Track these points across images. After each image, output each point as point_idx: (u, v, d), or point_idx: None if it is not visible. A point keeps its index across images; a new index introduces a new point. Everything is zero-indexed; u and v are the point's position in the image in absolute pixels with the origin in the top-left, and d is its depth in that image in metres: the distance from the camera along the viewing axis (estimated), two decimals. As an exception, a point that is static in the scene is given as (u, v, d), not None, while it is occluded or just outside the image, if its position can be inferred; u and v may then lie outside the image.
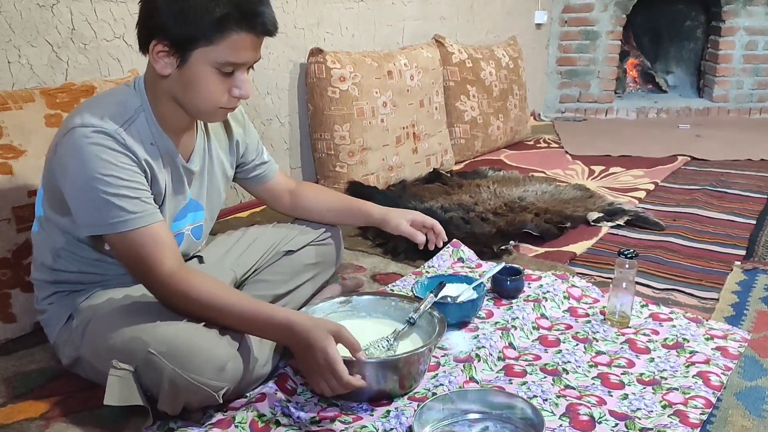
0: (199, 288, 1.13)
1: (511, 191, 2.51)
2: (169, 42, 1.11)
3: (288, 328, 1.10)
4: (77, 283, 1.29)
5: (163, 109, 1.21)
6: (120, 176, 1.11)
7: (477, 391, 1.21)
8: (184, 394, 1.10)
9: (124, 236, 1.12)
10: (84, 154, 1.10)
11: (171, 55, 1.13)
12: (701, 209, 2.43)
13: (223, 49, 1.12)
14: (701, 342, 1.44)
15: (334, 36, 2.74)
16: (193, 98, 1.18)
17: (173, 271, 1.13)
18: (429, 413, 1.15)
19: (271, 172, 1.55)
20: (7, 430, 1.17)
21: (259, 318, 1.13)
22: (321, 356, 1.07)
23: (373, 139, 2.59)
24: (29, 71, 1.70)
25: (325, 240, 1.61)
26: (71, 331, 1.25)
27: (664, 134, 3.86)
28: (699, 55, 4.74)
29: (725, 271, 1.85)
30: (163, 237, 1.15)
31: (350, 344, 1.11)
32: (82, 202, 1.12)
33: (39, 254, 1.30)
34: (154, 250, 1.13)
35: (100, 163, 1.10)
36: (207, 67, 1.13)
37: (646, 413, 1.20)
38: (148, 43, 1.14)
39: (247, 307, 1.14)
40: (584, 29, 4.44)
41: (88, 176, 1.10)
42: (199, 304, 1.13)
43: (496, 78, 3.34)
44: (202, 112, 1.22)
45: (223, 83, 1.16)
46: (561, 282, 1.72)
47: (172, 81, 1.16)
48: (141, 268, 1.14)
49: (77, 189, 1.12)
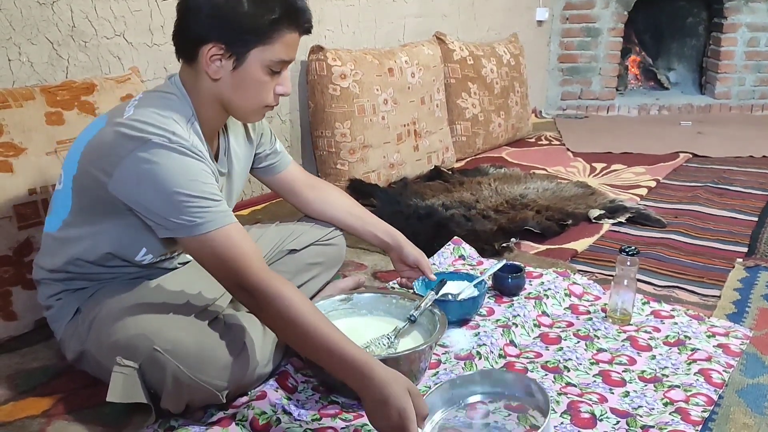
0: (291, 302, 1.07)
1: (512, 188, 2.50)
2: (225, 45, 1.11)
3: (367, 376, 1.03)
4: (86, 281, 1.28)
5: (206, 113, 1.20)
6: (201, 180, 1.10)
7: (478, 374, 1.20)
8: (187, 393, 1.10)
9: (206, 238, 1.09)
10: (168, 164, 1.07)
11: (226, 58, 1.13)
12: (703, 206, 2.42)
13: (277, 48, 1.14)
14: (703, 339, 1.44)
15: (335, 33, 2.74)
16: (244, 99, 1.18)
17: (267, 277, 1.09)
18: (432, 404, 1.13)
19: (283, 163, 1.53)
20: (9, 428, 1.18)
21: (338, 351, 1.05)
22: (396, 414, 1.00)
23: (374, 137, 2.58)
24: (29, 69, 1.70)
25: (329, 240, 1.61)
26: (77, 326, 1.25)
27: (665, 131, 3.86)
28: (701, 51, 4.73)
29: (727, 268, 1.85)
30: (248, 238, 1.13)
31: (420, 409, 1.03)
32: (169, 208, 1.08)
33: (49, 257, 1.26)
34: (240, 251, 1.09)
35: (182, 171, 1.08)
36: (260, 66, 1.15)
37: (648, 411, 1.20)
38: (193, 48, 1.13)
39: (330, 336, 1.07)
40: (586, 26, 4.43)
41: (173, 182, 1.07)
42: (288, 320, 1.07)
43: (497, 75, 3.34)
44: (249, 112, 1.22)
45: (270, 82, 1.18)
46: (562, 279, 1.72)
47: (222, 84, 1.16)
48: (227, 272, 1.10)
49: (161, 199, 1.08)
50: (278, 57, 1.15)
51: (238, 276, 1.08)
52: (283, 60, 1.16)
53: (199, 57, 1.13)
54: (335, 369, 1.07)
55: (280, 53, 1.15)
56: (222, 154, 1.32)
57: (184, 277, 1.31)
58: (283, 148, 1.55)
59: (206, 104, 1.20)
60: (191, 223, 1.08)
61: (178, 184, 1.07)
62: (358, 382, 1.04)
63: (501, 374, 1.20)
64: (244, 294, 1.10)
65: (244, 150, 1.41)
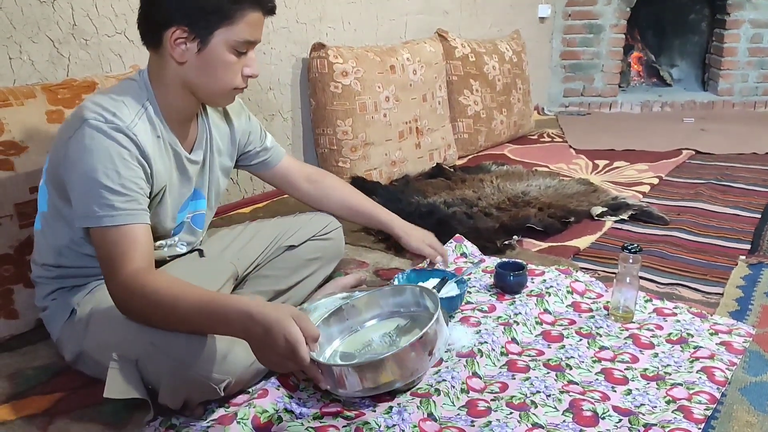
0: (154, 284, 1.06)
1: (514, 186, 2.50)
2: (189, 27, 1.13)
3: (247, 315, 0.98)
4: (80, 278, 1.29)
5: (171, 99, 1.22)
6: (120, 172, 1.11)
7: (365, 296, 1.34)
8: (184, 387, 1.10)
9: (105, 231, 1.10)
10: (94, 147, 1.10)
11: (191, 40, 1.14)
12: (706, 203, 2.41)
13: (241, 28, 1.15)
14: (705, 337, 1.43)
15: (337, 31, 2.73)
16: (210, 82, 1.20)
17: (135, 272, 1.07)
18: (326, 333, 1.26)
19: (275, 157, 1.55)
20: (10, 427, 1.18)
21: (214, 306, 1.02)
22: (282, 338, 0.96)
23: (375, 134, 2.58)
24: (30, 67, 1.70)
25: (326, 235, 1.61)
26: (74, 325, 1.25)
27: (668, 128, 3.85)
28: (704, 48, 4.72)
29: (730, 265, 1.84)
30: (141, 239, 1.12)
31: (308, 331, 0.98)
32: (82, 194, 1.12)
33: (41, 253, 1.30)
34: (126, 250, 1.09)
35: (106, 157, 1.10)
36: (225, 48, 1.16)
37: (650, 409, 1.19)
38: (157, 33, 1.15)
39: (202, 296, 1.05)
40: (588, 23, 4.42)
41: (93, 168, 1.10)
42: (154, 300, 1.05)
43: (499, 72, 3.33)
44: (217, 95, 1.24)
45: (237, 63, 1.19)
46: (564, 277, 1.72)
47: (188, 67, 1.18)
48: (108, 266, 1.10)
49: (80, 180, 1.11)
50: (243, 37, 1.16)
51: (112, 273, 1.08)
52: (248, 40, 1.17)
53: (163, 42, 1.15)
54: (219, 326, 1.03)
55: (244, 33, 1.16)
56: (199, 144, 1.33)
57: (178, 272, 1.31)
58: (275, 143, 1.55)
59: (173, 91, 1.21)
60: (94, 214, 1.10)
61: (96, 170, 1.09)
62: (244, 327, 0.99)
63: (386, 294, 1.33)
64: (112, 291, 1.10)
65: (227, 145, 1.42)
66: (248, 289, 1.50)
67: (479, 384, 1.28)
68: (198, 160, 1.33)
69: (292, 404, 1.19)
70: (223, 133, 1.41)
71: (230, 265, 1.46)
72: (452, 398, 1.22)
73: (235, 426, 1.10)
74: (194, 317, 1.04)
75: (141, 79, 1.22)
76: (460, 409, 1.20)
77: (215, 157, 1.38)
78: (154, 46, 1.18)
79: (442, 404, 1.20)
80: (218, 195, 1.45)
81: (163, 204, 1.26)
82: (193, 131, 1.32)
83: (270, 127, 2.51)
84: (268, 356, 1.00)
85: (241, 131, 1.45)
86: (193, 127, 1.32)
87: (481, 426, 1.14)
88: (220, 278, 1.39)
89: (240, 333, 1.01)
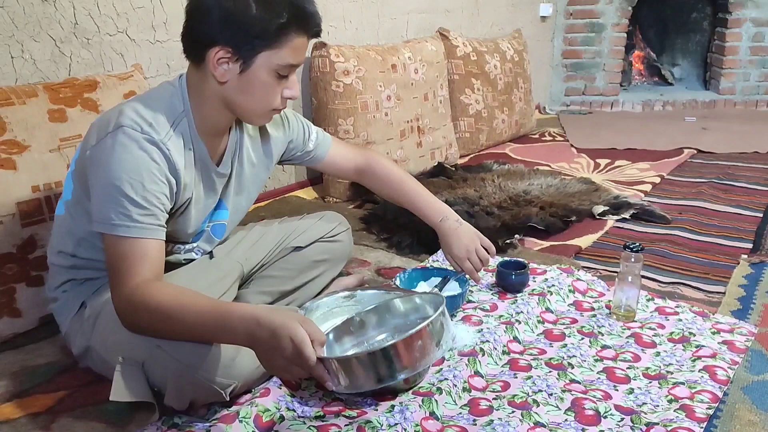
0: (157, 296, 1.05)
1: (516, 185, 2.50)
2: (233, 49, 1.11)
3: (254, 320, 0.99)
4: (93, 270, 1.28)
5: (207, 113, 1.20)
6: (146, 185, 1.10)
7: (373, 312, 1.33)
8: (190, 390, 1.10)
9: (117, 240, 1.10)
10: (125, 155, 1.09)
11: (234, 61, 1.13)
12: (707, 202, 2.41)
13: (286, 53, 1.14)
14: (707, 336, 1.43)
15: (338, 29, 2.73)
16: (250, 102, 1.18)
17: (138, 285, 1.07)
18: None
19: (320, 153, 1.53)
20: (13, 425, 1.18)
21: (220, 314, 1.03)
22: (288, 341, 0.96)
23: (377, 133, 2.58)
24: (32, 66, 1.70)
25: (334, 237, 1.61)
26: (83, 320, 1.26)
27: (670, 127, 3.84)
28: (705, 47, 4.71)
29: (732, 264, 1.84)
30: (151, 254, 1.11)
31: (314, 335, 0.99)
32: (102, 198, 1.11)
33: (59, 239, 1.29)
34: (133, 264, 1.09)
35: (134, 168, 1.09)
36: (267, 71, 1.14)
37: (652, 408, 1.19)
38: (200, 50, 1.13)
39: (208, 304, 1.05)
40: (590, 21, 4.41)
41: (118, 176, 1.09)
42: (157, 314, 1.05)
43: (500, 71, 3.33)
44: (256, 115, 1.22)
45: (278, 86, 1.18)
46: (566, 276, 1.72)
47: (229, 87, 1.16)
48: (114, 277, 1.10)
49: (104, 185, 1.10)
50: (286, 61, 1.15)
51: (118, 286, 1.08)
52: (291, 64, 1.16)
53: (206, 59, 1.13)
54: (225, 334, 1.03)
55: (288, 57, 1.14)
56: (228, 156, 1.31)
57: (186, 275, 1.31)
58: (320, 134, 1.53)
59: (210, 104, 1.19)
60: (110, 221, 1.09)
61: (121, 179, 1.09)
62: (250, 333, 0.99)
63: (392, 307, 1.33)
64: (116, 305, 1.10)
65: (261, 157, 1.40)
66: (253, 288, 1.50)
67: (481, 383, 1.28)
68: (225, 173, 1.31)
69: (294, 403, 1.19)
70: (257, 145, 1.39)
71: (238, 264, 1.46)
72: (454, 397, 1.22)
73: (238, 425, 1.11)
74: (199, 328, 1.04)
75: (179, 88, 1.20)
76: (461, 407, 1.20)
77: (244, 169, 1.36)
78: (196, 62, 1.16)
79: (444, 403, 1.20)
80: (245, 207, 1.43)
81: (186, 214, 1.25)
82: (223, 143, 1.30)
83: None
84: (275, 361, 0.99)
85: (280, 143, 1.43)
86: (225, 139, 1.30)
87: (482, 425, 1.14)
88: (228, 279, 1.40)
89: (246, 340, 1.00)
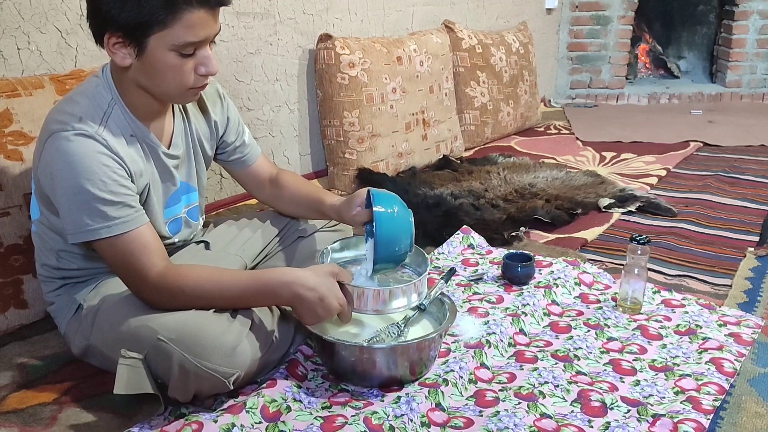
0: (192, 277, 1.13)
1: (521, 178, 2.49)
2: (122, 33, 1.08)
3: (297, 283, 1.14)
4: (82, 275, 1.29)
5: (133, 98, 1.18)
6: (103, 179, 1.10)
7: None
8: (194, 381, 1.10)
9: (109, 242, 1.11)
10: (67, 159, 1.08)
11: (127, 45, 1.10)
12: (714, 195, 2.40)
13: (178, 31, 1.07)
14: (714, 328, 1.43)
15: (343, 21, 2.72)
16: (160, 84, 1.15)
17: (163, 273, 1.12)
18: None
19: (252, 156, 1.49)
20: (20, 415, 1.18)
21: (261, 284, 1.16)
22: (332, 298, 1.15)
23: (382, 126, 2.57)
24: (39, 58, 1.70)
25: (334, 226, 1.60)
26: (81, 320, 1.26)
27: (676, 120, 3.83)
28: (712, 39, 4.68)
29: (738, 257, 1.84)
30: (149, 240, 1.13)
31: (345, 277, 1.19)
32: (69, 209, 1.11)
33: (41, 254, 1.30)
34: (140, 256, 1.12)
35: (83, 168, 1.08)
36: (166, 51, 1.09)
37: (659, 399, 1.19)
38: (100, 37, 1.11)
39: (244, 277, 1.18)
40: (595, 14, 4.39)
41: (73, 182, 1.08)
42: (197, 292, 1.13)
43: (506, 64, 3.32)
44: (173, 95, 1.19)
45: (186, 64, 1.13)
46: (572, 268, 1.71)
47: (134, 71, 1.14)
48: (129, 275, 1.13)
49: (64, 195, 1.10)
50: (182, 40, 1.08)
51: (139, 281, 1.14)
52: (189, 42, 1.09)
53: (105, 46, 1.11)
54: (266, 299, 1.18)
55: (183, 36, 1.08)
56: (178, 137, 1.30)
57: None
58: (252, 140, 1.50)
59: (130, 90, 1.18)
60: (87, 228, 1.10)
61: (78, 182, 1.09)
62: (295, 298, 1.15)
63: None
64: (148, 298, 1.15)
65: (207, 135, 1.39)
66: None
67: (487, 374, 1.28)
68: (177, 154, 1.29)
69: (300, 394, 1.19)
70: (202, 123, 1.37)
71: (236, 257, 1.46)
72: (460, 388, 1.22)
73: (244, 415, 1.11)
74: (242, 300, 1.16)
75: (104, 78, 1.18)
76: (468, 399, 1.21)
77: (197, 146, 1.36)
78: (105, 49, 1.13)
79: (450, 394, 1.20)
80: (205, 185, 1.44)
81: (149, 203, 1.24)
82: (169, 125, 1.28)
83: (276, 119, 2.50)
84: (316, 313, 1.15)
85: (218, 120, 1.40)
86: (169, 120, 1.28)
87: (489, 416, 1.14)
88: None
89: (289, 301, 1.16)
